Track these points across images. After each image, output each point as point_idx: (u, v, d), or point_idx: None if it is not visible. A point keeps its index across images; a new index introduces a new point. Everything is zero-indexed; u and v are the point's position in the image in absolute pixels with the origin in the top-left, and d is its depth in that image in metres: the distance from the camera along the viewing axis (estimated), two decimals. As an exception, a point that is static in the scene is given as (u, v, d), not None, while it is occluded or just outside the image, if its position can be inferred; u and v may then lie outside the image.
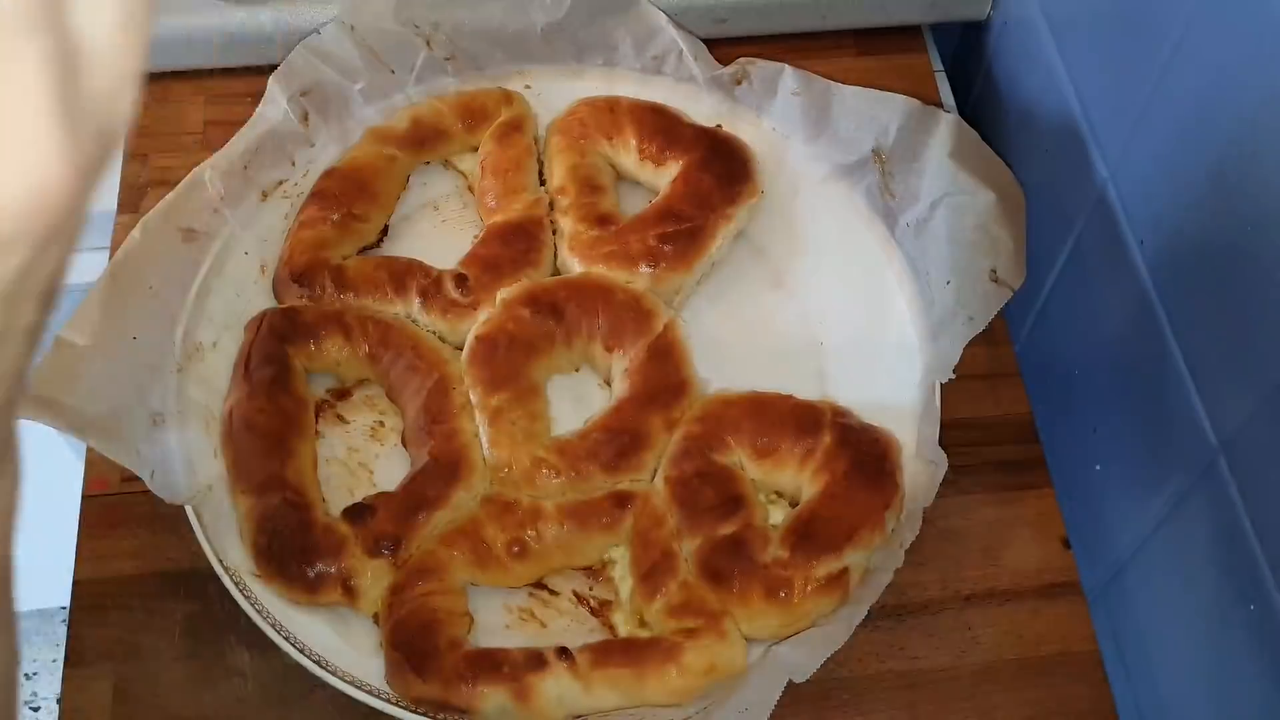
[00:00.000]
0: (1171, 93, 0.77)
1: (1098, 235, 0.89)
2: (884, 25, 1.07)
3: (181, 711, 0.78)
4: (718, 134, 0.96)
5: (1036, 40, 0.97)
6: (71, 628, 0.81)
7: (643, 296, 0.88)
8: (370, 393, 0.88)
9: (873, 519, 0.78)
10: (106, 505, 0.85)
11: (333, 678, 0.75)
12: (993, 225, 0.87)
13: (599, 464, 0.82)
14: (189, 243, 0.88)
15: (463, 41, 0.99)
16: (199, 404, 0.83)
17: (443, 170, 0.99)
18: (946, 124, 0.92)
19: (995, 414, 0.91)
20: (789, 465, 0.82)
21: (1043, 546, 0.86)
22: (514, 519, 0.80)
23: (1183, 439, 0.79)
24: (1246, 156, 0.70)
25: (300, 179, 0.94)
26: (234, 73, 1.04)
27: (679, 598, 0.78)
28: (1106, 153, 0.87)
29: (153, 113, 1.02)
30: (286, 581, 0.77)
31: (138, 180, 0.99)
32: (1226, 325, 0.74)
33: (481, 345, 0.86)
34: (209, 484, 0.80)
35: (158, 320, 0.85)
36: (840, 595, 0.77)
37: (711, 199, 0.91)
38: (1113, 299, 0.87)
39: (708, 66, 0.99)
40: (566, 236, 0.91)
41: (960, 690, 0.81)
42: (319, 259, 0.89)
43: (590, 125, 0.96)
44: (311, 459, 0.84)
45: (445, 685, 0.73)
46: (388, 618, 0.77)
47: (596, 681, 0.74)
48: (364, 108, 0.97)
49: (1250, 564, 0.72)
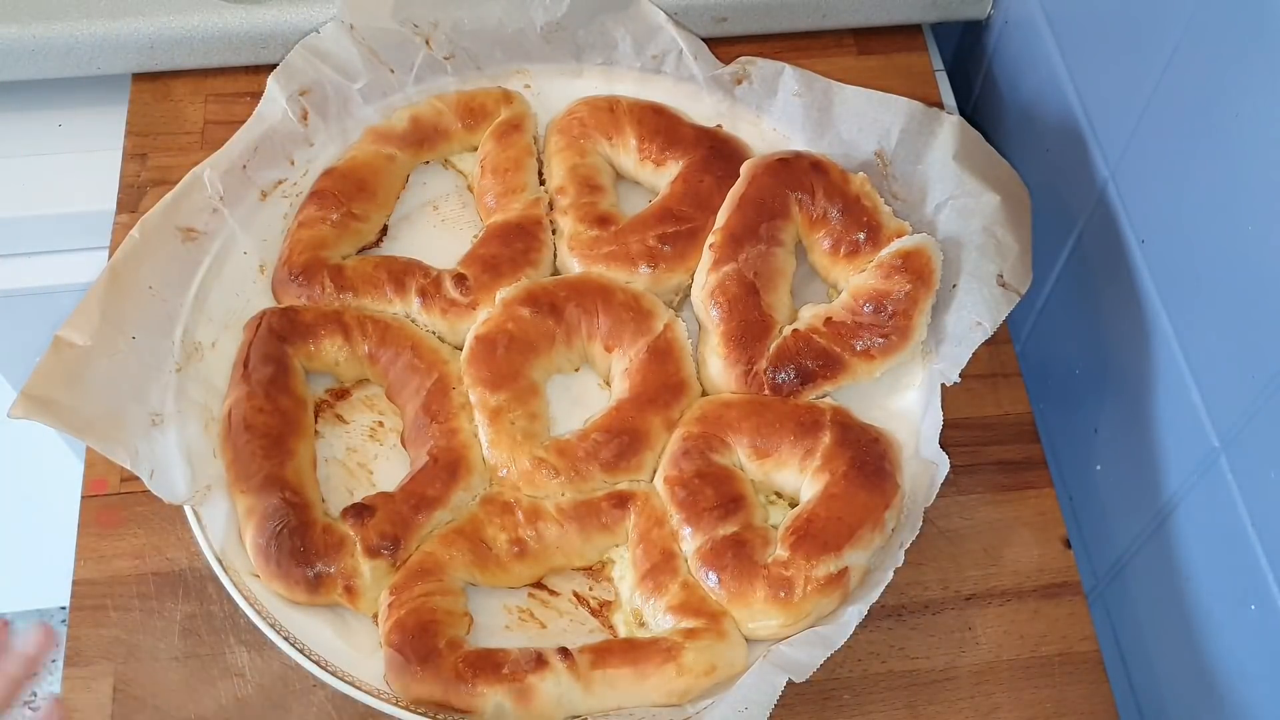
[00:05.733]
0: (1171, 93, 0.77)
1: (1098, 235, 0.89)
2: (884, 24, 1.08)
3: (181, 711, 0.78)
4: (718, 134, 0.96)
5: (1037, 40, 0.97)
6: (71, 628, 0.81)
7: (642, 296, 0.88)
8: (369, 393, 0.88)
9: (873, 519, 0.78)
10: (106, 505, 0.85)
11: (332, 678, 0.75)
12: (998, 228, 0.86)
13: (598, 464, 0.82)
14: (188, 242, 0.88)
15: (462, 40, 0.99)
16: (198, 404, 0.83)
17: (442, 170, 0.99)
18: (950, 126, 0.91)
19: (995, 414, 0.91)
20: (789, 465, 0.82)
21: (1043, 546, 0.86)
22: (513, 519, 0.80)
23: (1183, 439, 0.79)
24: (1246, 156, 0.70)
25: (299, 178, 0.94)
26: (234, 72, 1.04)
27: (679, 598, 0.78)
28: (1107, 153, 0.86)
29: (152, 112, 1.02)
30: (286, 581, 0.77)
31: (137, 180, 0.99)
32: (1226, 325, 0.74)
33: (481, 345, 0.86)
34: (208, 484, 0.80)
35: (157, 320, 0.85)
36: (840, 595, 0.77)
37: (711, 200, 0.91)
38: (1113, 299, 0.87)
39: (708, 66, 0.99)
40: (566, 236, 0.91)
41: (960, 690, 0.81)
42: (318, 259, 0.89)
43: (590, 125, 0.96)
44: (311, 459, 0.84)
45: (445, 685, 0.73)
46: (387, 617, 0.77)
47: (596, 681, 0.74)
48: (363, 107, 0.97)
49: (1250, 564, 0.72)
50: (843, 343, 0.84)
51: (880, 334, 0.84)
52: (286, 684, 0.79)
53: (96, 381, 0.81)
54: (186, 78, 1.04)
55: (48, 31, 0.98)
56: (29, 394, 0.78)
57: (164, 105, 1.03)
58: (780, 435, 0.82)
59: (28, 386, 0.79)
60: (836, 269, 0.90)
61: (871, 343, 0.84)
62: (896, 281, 0.85)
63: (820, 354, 0.84)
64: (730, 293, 0.86)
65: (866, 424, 0.83)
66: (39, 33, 0.98)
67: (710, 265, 0.88)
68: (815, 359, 0.84)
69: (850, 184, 0.90)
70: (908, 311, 0.84)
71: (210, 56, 1.02)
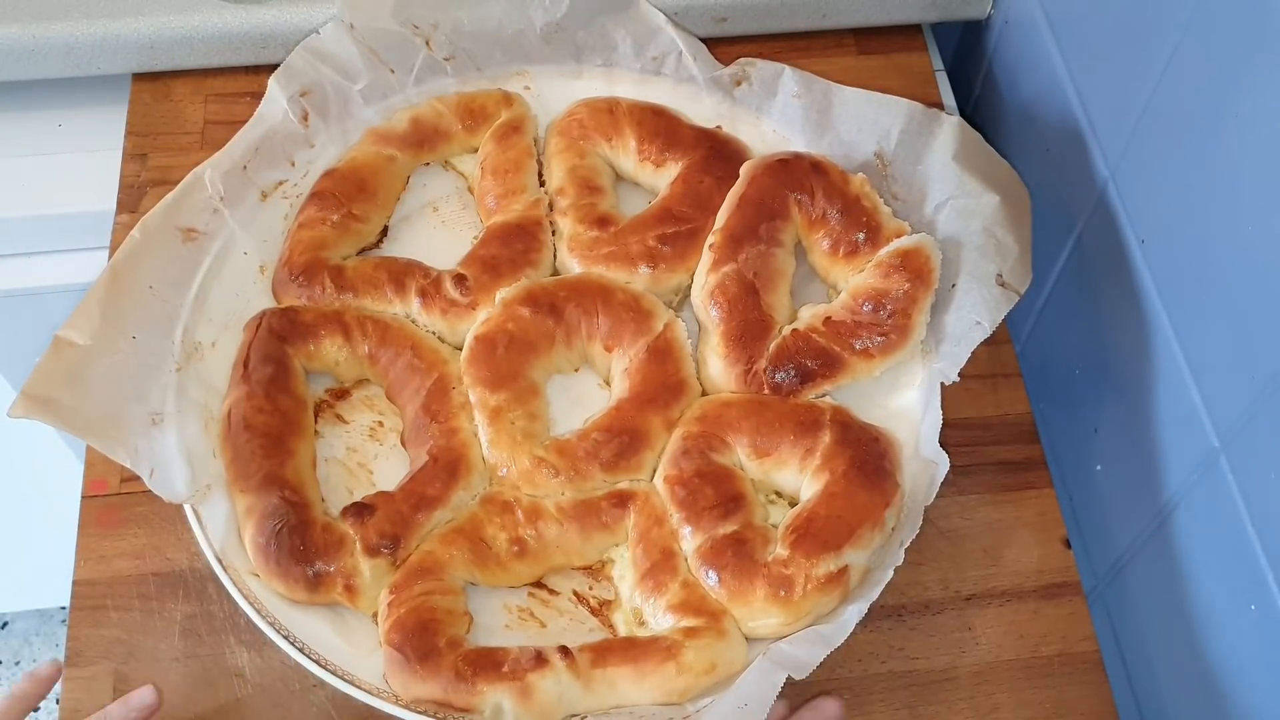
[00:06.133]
0: (1171, 93, 0.77)
1: (1098, 235, 0.89)
2: (884, 24, 1.08)
3: (181, 712, 0.78)
4: (717, 135, 0.96)
5: (1037, 40, 0.97)
6: (71, 628, 0.81)
7: (642, 297, 0.88)
8: (369, 393, 0.89)
9: (873, 518, 0.78)
10: (106, 505, 0.86)
11: (332, 677, 0.75)
12: (998, 229, 0.86)
13: (598, 463, 0.82)
14: (188, 243, 0.88)
15: (462, 41, 0.99)
16: (198, 403, 0.84)
17: (442, 171, 0.99)
18: (949, 126, 0.91)
19: (995, 414, 0.91)
20: (789, 465, 0.82)
21: (1043, 546, 0.86)
22: (513, 518, 0.80)
23: (1183, 439, 0.79)
24: (1247, 156, 0.70)
25: (300, 179, 0.94)
26: (234, 72, 1.04)
27: (679, 597, 0.78)
28: (1107, 153, 0.87)
29: (153, 112, 1.02)
30: (286, 580, 0.77)
31: (137, 180, 0.99)
32: (1226, 325, 0.74)
33: (481, 345, 0.86)
34: (208, 483, 0.80)
35: (157, 320, 0.85)
36: (840, 594, 0.77)
37: (711, 200, 0.91)
38: (1113, 299, 0.87)
39: (707, 67, 0.99)
40: (566, 237, 0.91)
41: (960, 690, 0.81)
42: (318, 259, 0.89)
43: (590, 126, 0.96)
44: (310, 458, 0.84)
45: (445, 684, 0.73)
46: (387, 616, 0.77)
47: (597, 680, 0.74)
48: (364, 108, 0.97)
49: (1250, 564, 0.72)
50: (842, 342, 0.84)
51: (879, 333, 0.84)
52: (286, 683, 0.79)
53: (96, 381, 0.81)
54: (186, 78, 1.04)
55: (48, 31, 0.98)
56: (29, 393, 0.78)
57: (164, 105, 1.03)
58: (780, 434, 0.82)
59: (28, 386, 0.79)
60: (836, 269, 0.90)
61: (871, 342, 0.84)
62: (895, 280, 0.85)
63: (820, 353, 0.84)
64: (730, 293, 0.86)
65: (866, 423, 0.83)
66: (39, 33, 0.98)
67: (710, 265, 0.88)
68: (815, 358, 0.84)
69: (850, 185, 0.90)
70: (907, 310, 0.84)
71: (210, 56, 1.02)
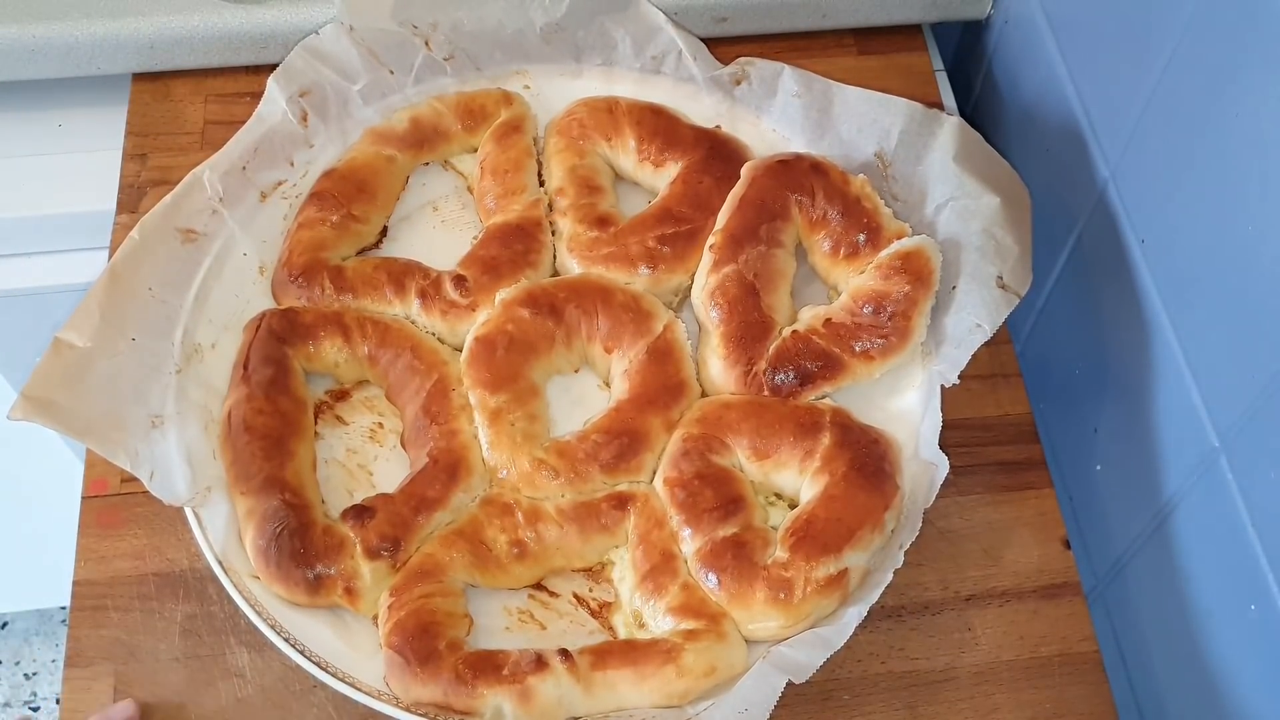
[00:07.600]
0: (1171, 93, 0.77)
1: (1098, 235, 0.89)
2: (884, 24, 1.08)
3: (181, 712, 0.79)
4: (717, 135, 0.96)
5: (1037, 40, 0.97)
6: (71, 628, 0.81)
7: (642, 297, 0.88)
8: (369, 394, 0.88)
9: (872, 520, 0.78)
10: (106, 506, 0.86)
11: (332, 679, 0.75)
12: (998, 230, 0.86)
13: (598, 465, 0.82)
14: (188, 243, 0.88)
15: (461, 41, 0.99)
16: (198, 405, 0.83)
17: (442, 171, 0.99)
18: (950, 127, 0.91)
19: (995, 414, 0.91)
20: (788, 466, 0.82)
21: (1043, 546, 0.86)
22: (513, 520, 0.80)
23: (1183, 439, 0.79)
24: (1246, 156, 0.70)
25: (299, 180, 0.94)
26: (234, 72, 1.04)
27: (679, 599, 0.78)
28: (1107, 153, 0.86)
29: (153, 112, 1.02)
30: (286, 582, 0.77)
31: (137, 180, 0.99)
32: (1226, 325, 0.74)
33: (481, 346, 0.86)
34: (208, 485, 0.80)
35: (157, 321, 0.85)
36: (840, 596, 0.77)
37: (711, 201, 0.91)
38: (1113, 299, 0.87)
39: (707, 66, 0.99)
40: (565, 237, 0.91)
41: (960, 691, 0.81)
42: (318, 260, 0.89)
43: (589, 126, 0.96)
44: (311, 460, 0.84)
45: (445, 687, 0.74)
46: (387, 619, 0.77)
47: (597, 683, 0.74)
48: (363, 108, 0.97)
49: (1250, 564, 0.72)
50: (842, 344, 0.84)
51: (879, 335, 0.84)
52: (287, 685, 0.79)
53: (96, 383, 0.81)
54: (186, 78, 1.04)
55: (48, 31, 0.98)
56: (29, 395, 0.78)
57: (164, 105, 1.03)
58: (780, 436, 0.82)
59: (27, 388, 0.79)
60: (836, 270, 0.90)
61: (871, 344, 0.84)
62: (896, 282, 0.85)
63: (820, 355, 0.84)
64: (730, 294, 0.86)
65: (866, 425, 0.83)
66: (39, 33, 0.98)
67: (710, 266, 0.88)
68: (815, 360, 0.84)
69: (850, 185, 0.90)
70: (907, 312, 0.84)
71: (210, 56, 1.02)
